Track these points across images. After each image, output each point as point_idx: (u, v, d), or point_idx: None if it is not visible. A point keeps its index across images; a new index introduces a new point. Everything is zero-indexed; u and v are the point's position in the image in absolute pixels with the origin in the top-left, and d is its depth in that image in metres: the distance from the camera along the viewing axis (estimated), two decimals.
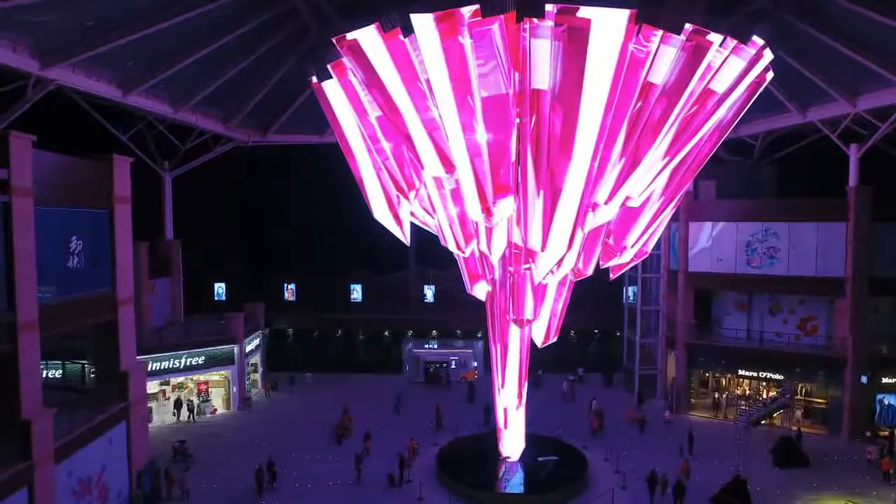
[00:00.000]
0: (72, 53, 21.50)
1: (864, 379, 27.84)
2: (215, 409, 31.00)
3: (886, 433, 27.15)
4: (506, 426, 24.05)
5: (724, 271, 30.83)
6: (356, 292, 40.95)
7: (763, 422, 24.67)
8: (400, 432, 28.16)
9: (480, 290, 23.88)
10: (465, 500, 22.29)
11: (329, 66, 20.37)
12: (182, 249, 35.10)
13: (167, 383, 31.02)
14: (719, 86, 18.53)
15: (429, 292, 40.86)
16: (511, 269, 22.00)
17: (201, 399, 30.70)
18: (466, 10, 15.81)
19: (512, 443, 24.49)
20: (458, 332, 39.93)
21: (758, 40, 18.17)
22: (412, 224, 23.95)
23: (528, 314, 22.20)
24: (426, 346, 38.77)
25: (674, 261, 33.21)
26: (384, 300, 40.89)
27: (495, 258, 21.86)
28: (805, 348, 30.01)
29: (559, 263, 20.02)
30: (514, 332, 23.44)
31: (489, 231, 20.64)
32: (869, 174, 28.98)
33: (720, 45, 17.56)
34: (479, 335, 39.89)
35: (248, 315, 33.77)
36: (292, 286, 40.92)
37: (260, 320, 35.67)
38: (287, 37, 26.54)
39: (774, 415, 25.25)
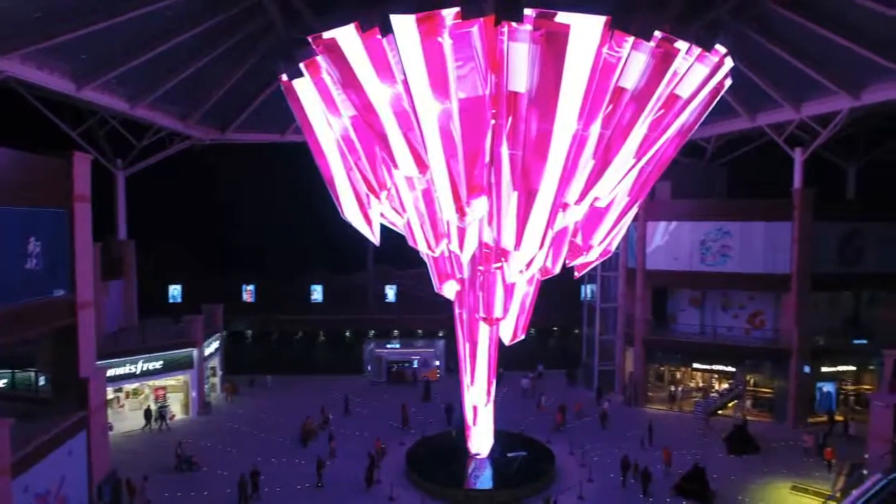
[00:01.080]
0: (22, 44, 20.40)
1: (806, 369, 29.59)
2: (174, 415, 29.94)
3: (841, 419, 28.91)
4: (475, 423, 24.33)
5: (680, 269, 32.09)
6: (317, 293, 40.42)
7: (720, 412, 25.82)
8: (366, 433, 28.07)
9: (450, 290, 24.03)
10: (438, 499, 22.43)
11: (302, 65, 20.06)
12: (135, 250, 33.76)
13: (120, 390, 29.85)
14: (684, 91, 19.32)
15: (390, 292, 40.74)
16: (481, 268, 22.30)
17: (159, 405, 29.62)
18: (447, 12, 15.91)
19: (481, 439, 24.80)
20: (420, 331, 40.02)
21: (720, 49, 19.05)
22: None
23: (498, 312, 22.60)
24: (388, 345, 38.66)
25: (631, 259, 34.35)
26: (345, 301, 40.53)
27: (466, 258, 22.08)
28: (754, 341, 31.67)
29: (529, 262, 20.44)
30: (482, 331, 23.76)
31: (461, 231, 20.82)
32: (811, 177, 30.80)
33: (686, 53, 18.33)
34: (441, 334, 40.17)
35: (207, 317, 32.81)
36: (251, 287, 40.01)
37: (219, 322, 34.75)
38: (251, 33, 25.96)
39: (729, 405, 26.44)
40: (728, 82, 21.18)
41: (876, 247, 30.92)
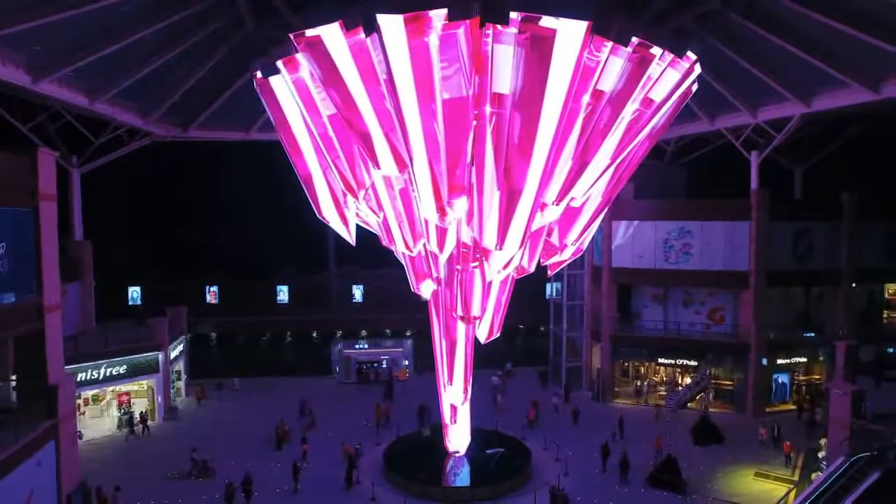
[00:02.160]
0: None
1: (764, 361, 31.06)
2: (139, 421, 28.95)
3: (808, 406, 30.42)
4: (454, 421, 24.50)
5: (645, 267, 33.13)
6: (283, 293, 39.71)
7: (689, 404, 26.84)
8: (340, 434, 27.84)
9: (427, 289, 24.14)
10: (418, 497, 22.49)
11: (280, 62, 19.79)
12: (92, 251, 32.40)
13: (79, 396, 28.59)
14: (657, 95, 20.02)
15: (357, 292, 40.46)
16: (459, 267, 22.52)
17: (122, 412, 28.59)
18: (435, 13, 16.02)
19: (459, 437, 24.99)
20: (388, 331, 39.90)
21: (691, 55, 19.84)
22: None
23: (476, 311, 22.86)
24: (357, 346, 38.37)
25: (597, 258, 35.19)
26: (312, 301, 40.01)
27: (444, 257, 22.23)
28: (715, 336, 32.96)
29: (508, 261, 20.78)
30: (460, 329, 23.98)
31: (439, 230, 20.95)
32: (761, 178, 32.23)
33: (659, 58, 19.01)
34: (408, 333, 40.19)
35: (171, 320, 31.83)
36: (214, 288, 38.93)
37: (183, 325, 33.75)
38: (217, 29, 25.32)
39: (697, 396, 27.49)
40: (694, 87, 22.10)
41: (824, 245, 32.74)
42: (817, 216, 32.69)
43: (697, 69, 20.57)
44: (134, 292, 37.46)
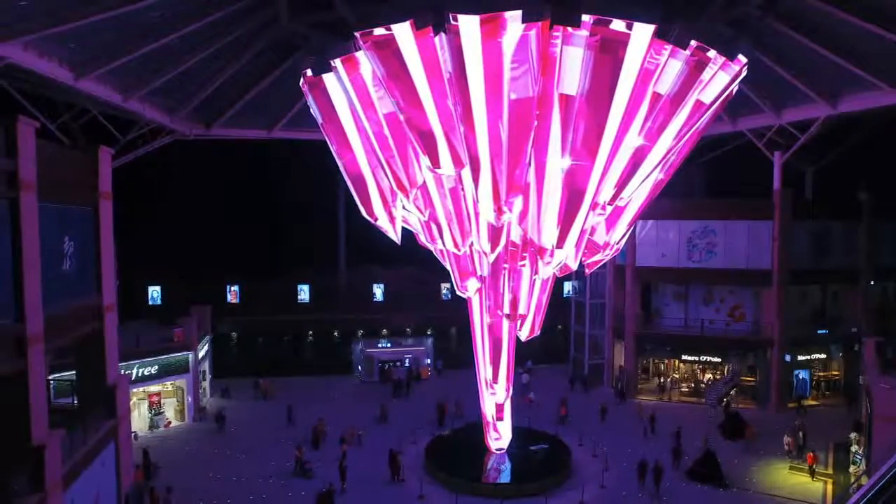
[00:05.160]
0: (27, 30, 19.07)
1: (787, 357, 31.74)
2: (169, 422, 28.71)
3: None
4: (501, 418, 24.70)
5: (668, 265, 33.63)
6: (303, 293, 39.51)
7: (724, 401, 27.33)
8: (375, 434, 27.85)
9: (472, 287, 24.31)
10: (467, 493, 22.63)
11: (339, 61, 19.82)
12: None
13: None
14: (707, 97, 20.42)
15: (378, 291, 40.41)
16: (506, 266, 22.75)
17: (154, 412, 28.28)
18: (511, 15, 16.18)
19: (502, 434, 25.17)
20: (408, 329, 39.94)
21: (742, 58, 20.24)
22: (345, 224, 23.86)
23: (523, 309, 23.11)
24: (379, 345, 38.32)
25: (620, 256, 35.57)
26: (332, 300, 39.89)
27: (493, 256, 22.41)
28: (738, 333, 33.57)
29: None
30: (504, 328, 24.20)
31: (492, 229, 21.13)
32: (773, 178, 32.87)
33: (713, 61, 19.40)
34: (429, 332, 40.30)
35: (197, 319, 31.50)
36: (235, 288, 38.60)
37: (208, 324, 33.44)
38: (252, 28, 25.18)
39: (731, 392, 27.98)
40: (735, 89, 22.54)
41: (842, 243, 33.55)
42: (836, 215, 33.43)
43: (744, 72, 20.98)
44: (154, 292, 36.97)
